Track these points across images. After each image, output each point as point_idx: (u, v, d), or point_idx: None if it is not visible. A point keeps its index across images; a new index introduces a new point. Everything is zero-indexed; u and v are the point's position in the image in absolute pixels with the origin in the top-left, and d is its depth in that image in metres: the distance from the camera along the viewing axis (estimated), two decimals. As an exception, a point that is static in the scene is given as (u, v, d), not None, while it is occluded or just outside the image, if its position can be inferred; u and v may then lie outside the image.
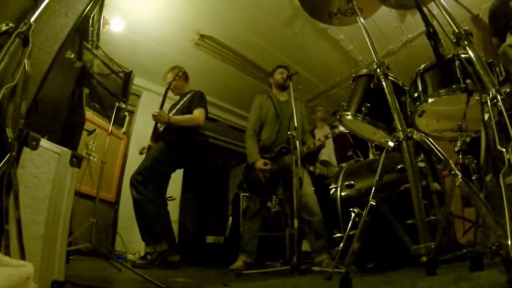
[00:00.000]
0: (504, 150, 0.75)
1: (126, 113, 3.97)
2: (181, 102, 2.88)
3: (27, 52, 0.82)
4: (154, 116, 2.65)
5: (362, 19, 1.41)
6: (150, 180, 2.53)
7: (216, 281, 1.93)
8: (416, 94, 1.42)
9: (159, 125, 2.79)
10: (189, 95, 2.89)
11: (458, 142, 1.46)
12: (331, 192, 1.99)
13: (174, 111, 2.87)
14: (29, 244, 0.82)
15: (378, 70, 1.24)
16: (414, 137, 1.05)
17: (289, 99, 2.63)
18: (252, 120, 2.80)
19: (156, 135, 2.79)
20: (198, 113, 2.73)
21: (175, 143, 2.68)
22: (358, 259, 1.76)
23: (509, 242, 0.67)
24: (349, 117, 1.67)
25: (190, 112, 2.75)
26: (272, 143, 2.68)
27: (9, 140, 0.77)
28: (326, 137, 2.57)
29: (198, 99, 2.83)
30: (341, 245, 1.66)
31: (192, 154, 2.84)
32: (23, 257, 0.77)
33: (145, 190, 2.49)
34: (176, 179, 2.81)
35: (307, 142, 2.62)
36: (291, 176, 2.13)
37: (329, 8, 1.59)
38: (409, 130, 1.08)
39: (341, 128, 2.30)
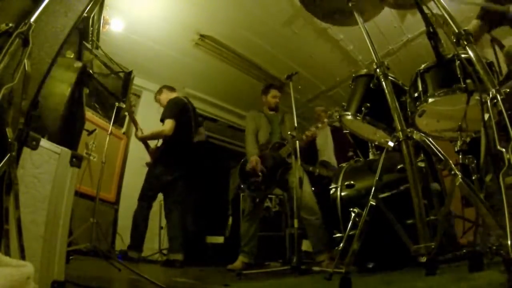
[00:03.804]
0: (504, 150, 0.75)
1: (126, 113, 3.96)
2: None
3: (27, 52, 0.82)
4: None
5: (361, 19, 1.41)
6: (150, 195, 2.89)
7: (216, 281, 1.93)
8: (416, 94, 1.42)
9: (150, 144, 3.15)
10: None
11: (458, 142, 1.46)
12: (331, 192, 1.99)
13: None
14: (29, 244, 0.82)
15: (378, 70, 1.24)
16: (414, 137, 1.05)
17: (277, 113, 2.99)
18: (249, 130, 2.92)
19: (150, 154, 3.14)
20: (165, 125, 2.92)
21: (158, 156, 3.00)
22: (358, 259, 1.76)
23: (509, 242, 0.67)
24: (349, 117, 1.66)
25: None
26: (266, 142, 2.80)
27: (9, 140, 0.77)
28: (317, 127, 2.58)
29: (165, 110, 3.05)
30: (341, 245, 1.66)
31: (189, 157, 3.05)
32: (23, 257, 0.77)
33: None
34: (176, 179, 2.87)
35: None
36: (286, 169, 2.13)
37: (330, 8, 1.59)
38: (409, 130, 1.07)
39: (328, 119, 2.34)
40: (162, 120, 2.98)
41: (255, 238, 2.58)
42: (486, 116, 0.90)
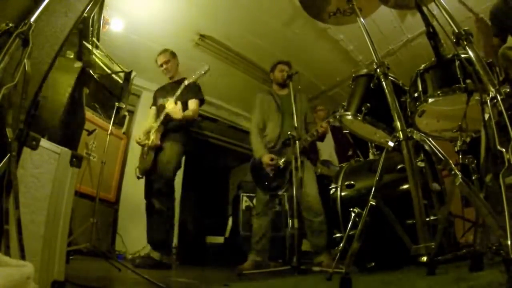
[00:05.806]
0: (504, 150, 0.75)
1: (126, 113, 3.96)
2: (178, 91, 2.64)
3: (27, 52, 0.82)
4: (169, 114, 2.52)
5: (362, 19, 1.41)
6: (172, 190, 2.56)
7: (216, 281, 1.93)
8: (416, 94, 1.42)
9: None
10: (182, 85, 2.68)
11: (458, 142, 1.46)
12: (331, 192, 1.99)
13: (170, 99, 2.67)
14: (29, 244, 0.82)
15: (378, 70, 1.24)
16: (414, 137, 1.05)
17: (289, 93, 2.56)
18: (255, 118, 2.79)
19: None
20: (195, 106, 2.68)
21: (181, 142, 2.65)
22: (358, 259, 1.76)
23: (509, 242, 0.67)
24: (349, 117, 1.66)
25: (186, 102, 2.67)
26: (277, 137, 2.66)
27: (9, 140, 0.77)
28: (328, 122, 2.50)
29: (195, 89, 2.77)
30: (341, 245, 1.66)
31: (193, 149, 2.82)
32: (23, 257, 0.77)
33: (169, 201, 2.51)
34: (176, 179, 2.80)
35: (311, 131, 2.58)
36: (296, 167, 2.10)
37: (329, 8, 1.59)
38: (409, 130, 1.07)
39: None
40: (186, 99, 2.66)
41: (267, 235, 2.52)
42: (486, 116, 0.90)
